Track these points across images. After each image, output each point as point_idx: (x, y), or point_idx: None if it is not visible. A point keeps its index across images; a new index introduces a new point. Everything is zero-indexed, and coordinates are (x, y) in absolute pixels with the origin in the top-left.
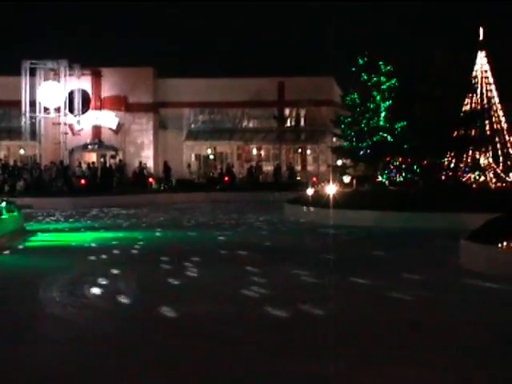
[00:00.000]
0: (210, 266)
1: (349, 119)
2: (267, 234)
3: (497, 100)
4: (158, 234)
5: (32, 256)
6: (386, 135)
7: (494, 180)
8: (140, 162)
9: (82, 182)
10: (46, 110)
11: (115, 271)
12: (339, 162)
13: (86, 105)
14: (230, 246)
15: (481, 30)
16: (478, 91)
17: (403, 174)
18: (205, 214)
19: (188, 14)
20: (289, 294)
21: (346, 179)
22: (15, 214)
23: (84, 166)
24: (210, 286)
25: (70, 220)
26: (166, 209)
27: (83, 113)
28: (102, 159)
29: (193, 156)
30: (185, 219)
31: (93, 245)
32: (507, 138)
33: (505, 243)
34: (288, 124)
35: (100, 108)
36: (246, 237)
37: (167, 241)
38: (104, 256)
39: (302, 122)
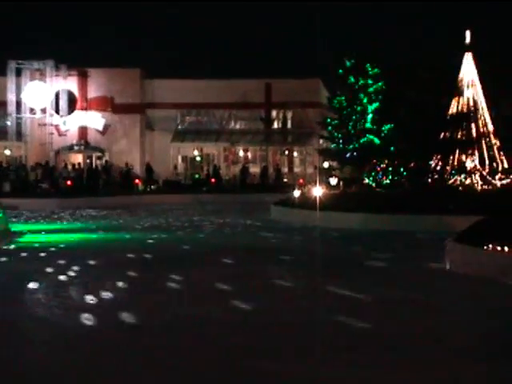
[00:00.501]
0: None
1: (336, 121)
2: (251, 236)
3: (483, 102)
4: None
5: (15, 257)
6: (372, 137)
7: (480, 183)
8: (126, 163)
9: (68, 183)
10: (32, 110)
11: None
12: (326, 164)
13: (72, 105)
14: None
15: (467, 33)
16: (465, 94)
17: (390, 177)
18: (190, 215)
19: (175, 16)
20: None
21: (333, 181)
22: (0, 214)
23: (70, 167)
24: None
25: (55, 221)
26: (152, 210)
27: (69, 113)
28: (88, 160)
29: (179, 157)
30: (170, 221)
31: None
32: (493, 140)
33: (491, 245)
34: (275, 126)
35: (86, 109)
36: (227, 238)
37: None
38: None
39: (289, 124)
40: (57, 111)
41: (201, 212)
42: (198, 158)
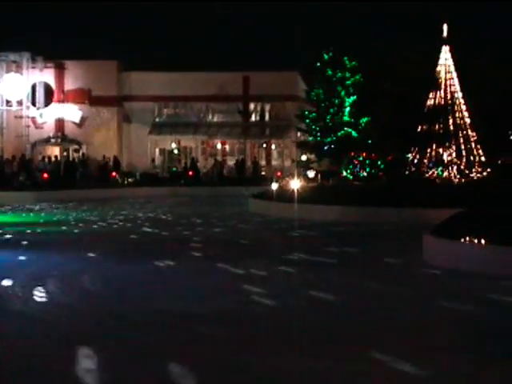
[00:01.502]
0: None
1: (313, 114)
2: (227, 229)
3: (460, 95)
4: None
5: None
6: (350, 130)
7: (457, 175)
8: (104, 156)
9: (45, 176)
10: (8, 102)
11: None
12: (304, 157)
13: (48, 98)
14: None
15: (445, 27)
16: (442, 87)
17: (367, 169)
18: (167, 208)
19: (153, 8)
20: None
21: (311, 174)
22: None
23: (47, 160)
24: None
25: (30, 214)
26: (130, 203)
27: (46, 106)
28: (65, 153)
29: (157, 150)
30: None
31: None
32: (470, 133)
33: (467, 238)
34: (253, 118)
35: (63, 101)
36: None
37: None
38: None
39: (267, 117)
40: (33, 103)
41: (176, 205)
42: (176, 151)
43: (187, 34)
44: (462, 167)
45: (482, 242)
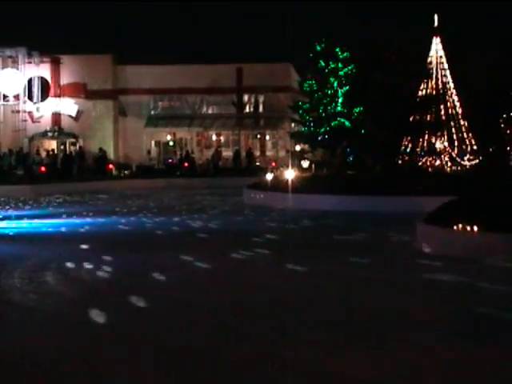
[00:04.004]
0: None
1: (307, 105)
2: (222, 219)
3: (452, 85)
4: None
5: None
6: (343, 121)
7: (449, 164)
8: (100, 149)
9: (42, 169)
10: (5, 97)
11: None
12: (298, 148)
13: (45, 92)
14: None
15: (435, 17)
16: (434, 76)
17: (361, 159)
18: (162, 199)
19: (146, 2)
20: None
21: (305, 164)
22: None
23: (44, 154)
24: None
25: (29, 207)
26: (128, 195)
27: (42, 100)
28: (62, 146)
29: (153, 142)
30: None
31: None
32: (462, 122)
33: (460, 225)
34: (247, 110)
35: (59, 95)
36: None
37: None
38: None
39: (261, 108)
40: (30, 98)
41: (173, 196)
42: (171, 143)
43: (181, 28)
44: (454, 155)
45: (474, 228)
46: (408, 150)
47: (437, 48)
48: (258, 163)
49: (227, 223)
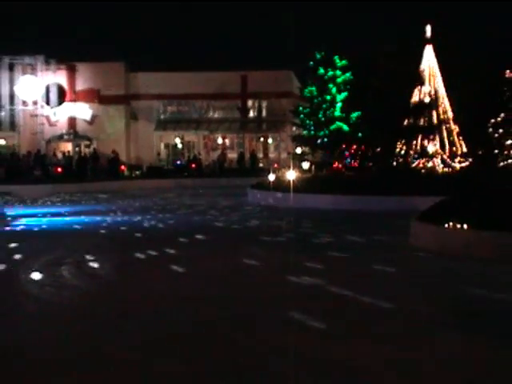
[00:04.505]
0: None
1: (307, 110)
2: (228, 217)
3: (443, 91)
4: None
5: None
6: (341, 125)
7: (440, 165)
8: (113, 151)
9: (59, 169)
10: (24, 102)
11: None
12: (299, 150)
13: (61, 97)
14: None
15: (428, 27)
16: (426, 83)
17: (358, 161)
18: (173, 198)
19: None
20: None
21: (305, 165)
22: None
23: (60, 155)
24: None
25: (47, 206)
26: (140, 194)
27: (59, 105)
28: (76, 148)
29: (162, 145)
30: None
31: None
32: (453, 126)
33: (451, 223)
34: (251, 114)
35: (75, 100)
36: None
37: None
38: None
39: (264, 113)
40: (47, 103)
41: (182, 195)
42: (180, 145)
43: (189, 37)
44: (446, 158)
45: (465, 226)
46: (402, 152)
47: (429, 56)
48: (261, 164)
49: (235, 220)
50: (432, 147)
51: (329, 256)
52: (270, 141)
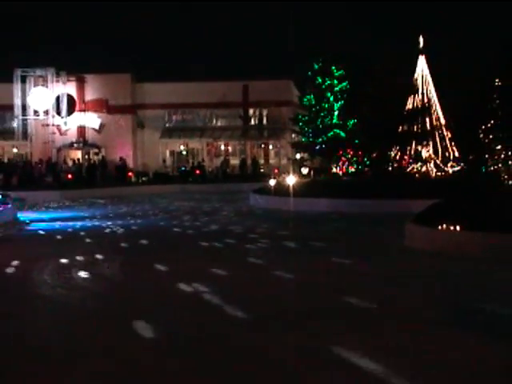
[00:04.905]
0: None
1: (306, 117)
2: (230, 219)
3: (436, 99)
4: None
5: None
6: (339, 131)
7: (434, 170)
8: (120, 158)
9: (69, 176)
10: (35, 112)
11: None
12: (298, 156)
13: (71, 108)
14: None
15: (421, 38)
16: (420, 92)
17: (354, 166)
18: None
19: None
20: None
21: (304, 171)
22: (9, 205)
23: (70, 163)
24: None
25: (58, 211)
26: (148, 198)
27: (69, 115)
28: (86, 156)
29: (167, 152)
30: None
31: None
32: (445, 132)
33: (444, 225)
34: (252, 122)
35: (84, 110)
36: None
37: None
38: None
39: (265, 121)
40: (58, 113)
41: (187, 200)
42: (184, 152)
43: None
44: (439, 162)
45: (457, 228)
46: (397, 157)
47: (422, 66)
48: (262, 170)
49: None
50: (425, 152)
51: (329, 257)
52: (270, 147)
